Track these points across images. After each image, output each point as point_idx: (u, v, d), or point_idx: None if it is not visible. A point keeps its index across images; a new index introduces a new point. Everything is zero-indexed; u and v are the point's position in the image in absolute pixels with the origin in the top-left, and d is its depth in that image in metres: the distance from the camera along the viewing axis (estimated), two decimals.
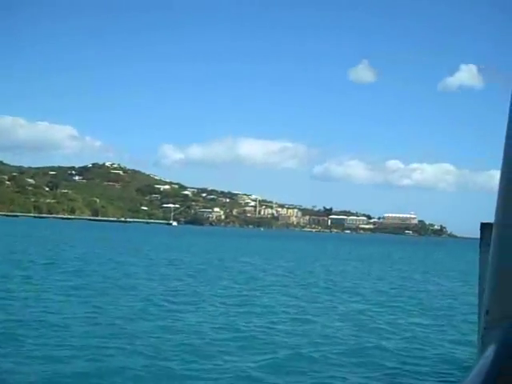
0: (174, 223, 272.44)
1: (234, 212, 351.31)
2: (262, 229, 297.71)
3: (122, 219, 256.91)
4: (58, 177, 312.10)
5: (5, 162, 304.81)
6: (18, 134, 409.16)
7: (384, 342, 18.73)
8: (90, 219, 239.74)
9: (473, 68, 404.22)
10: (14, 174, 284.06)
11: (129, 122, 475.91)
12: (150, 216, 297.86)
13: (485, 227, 4.36)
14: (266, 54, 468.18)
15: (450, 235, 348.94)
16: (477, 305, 4.80)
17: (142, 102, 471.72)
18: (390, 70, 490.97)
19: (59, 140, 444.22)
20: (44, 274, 33.61)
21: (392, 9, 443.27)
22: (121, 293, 26.97)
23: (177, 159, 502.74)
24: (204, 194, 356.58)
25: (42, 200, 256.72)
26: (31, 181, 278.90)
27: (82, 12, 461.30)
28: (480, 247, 4.63)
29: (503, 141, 2.27)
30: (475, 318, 5.17)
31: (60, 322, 19.18)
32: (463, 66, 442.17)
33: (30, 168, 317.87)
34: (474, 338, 4.95)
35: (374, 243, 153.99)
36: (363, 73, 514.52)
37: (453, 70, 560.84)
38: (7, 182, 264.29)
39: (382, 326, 22.01)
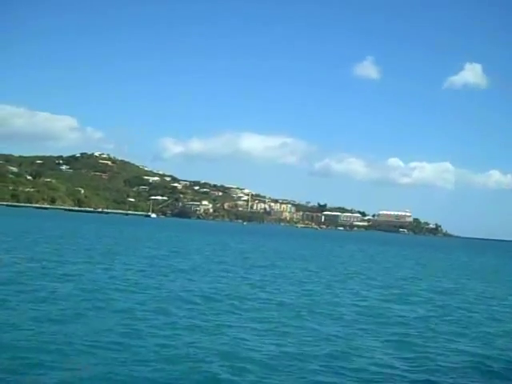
0: (153, 215, 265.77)
1: (226, 206, 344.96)
2: (244, 223, 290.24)
3: (99, 210, 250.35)
4: (44, 166, 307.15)
5: None
6: (16, 123, 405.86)
7: None
8: (67, 209, 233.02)
9: (477, 67, 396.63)
10: (0, 162, 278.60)
11: (130, 115, 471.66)
12: (136, 208, 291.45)
13: None
14: (268, 50, 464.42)
15: (446, 234, 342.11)
16: None
17: (144, 95, 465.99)
18: (394, 67, 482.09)
19: (59, 131, 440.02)
20: None
21: (398, 6, 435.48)
22: None
23: (176, 152, 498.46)
24: (196, 187, 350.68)
25: (21, 188, 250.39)
26: (14, 169, 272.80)
27: (84, 4, 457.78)
28: None
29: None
30: None
31: None
32: (468, 65, 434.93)
33: (18, 157, 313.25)
34: None
35: (354, 241, 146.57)
36: (368, 69, 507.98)
37: (458, 69, 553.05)
38: None
39: None
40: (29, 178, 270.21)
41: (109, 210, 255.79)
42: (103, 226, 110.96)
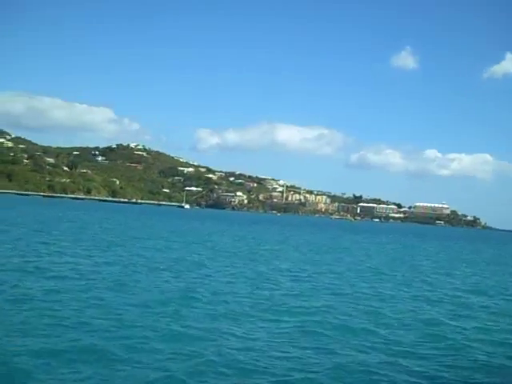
0: (187, 206, 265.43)
1: (261, 197, 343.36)
2: (278, 214, 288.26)
3: (133, 200, 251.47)
4: (80, 157, 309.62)
5: (34, 141, 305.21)
6: (55, 115, 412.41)
7: None
8: (101, 200, 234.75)
9: None
10: (38, 153, 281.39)
11: (168, 106, 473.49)
12: (171, 198, 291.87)
13: None
14: (304, 41, 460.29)
15: (484, 227, 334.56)
16: None
17: (181, 86, 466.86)
18: (433, 56, 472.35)
19: (97, 122, 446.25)
20: None
21: None
22: None
23: (213, 143, 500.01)
24: (232, 178, 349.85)
25: (57, 179, 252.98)
26: (50, 160, 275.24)
27: None
28: None
29: None
30: None
31: None
32: (509, 55, 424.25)
33: (56, 148, 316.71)
34: None
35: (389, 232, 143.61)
36: (405, 59, 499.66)
37: (499, 58, 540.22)
38: (25, 161, 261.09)
39: None
40: (65, 168, 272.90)
41: (142, 201, 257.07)
42: (141, 216, 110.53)
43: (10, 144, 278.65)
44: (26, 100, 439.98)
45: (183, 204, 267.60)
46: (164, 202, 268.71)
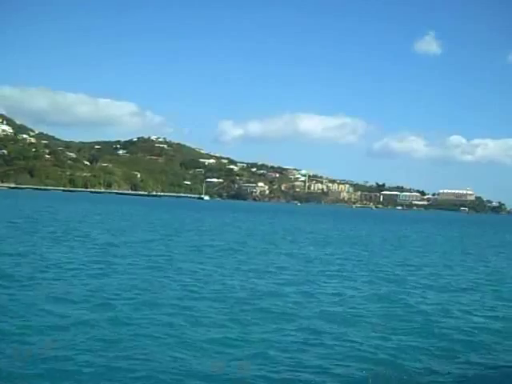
0: (206, 197, 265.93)
1: (283, 187, 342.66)
2: (298, 204, 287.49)
3: (153, 193, 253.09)
4: (102, 151, 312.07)
5: (56, 137, 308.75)
6: (79, 110, 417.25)
7: None
8: (120, 193, 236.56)
9: None
10: (60, 148, 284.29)
11: (190, 98, 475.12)
12: (192, 190, 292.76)
13: None
14: (328, 28, 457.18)
15: (510, 212, 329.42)
16: None
17: (203, 77, 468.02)
18: (457, 41, 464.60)
19: (119, 116, 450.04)
20: None
21: None
22: None
23: (235, 135, 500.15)
24: (254, 169, 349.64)
25: (78, 174, 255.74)
26: (72, 154, 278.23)
27: None
28: None
29: None
30: None
31: None
32: None
33: (78, 143, 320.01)
34: None
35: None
36: (429, 45, 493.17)
37: None
38: (47, 156, 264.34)
39: None
40: (86, 163, 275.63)
41: (161, 193, 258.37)
42: (158, 208, 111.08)
43: (32, 140, 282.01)
44: (50, 96, 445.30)
45: (203, 195, 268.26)
46: (183, 194, 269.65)
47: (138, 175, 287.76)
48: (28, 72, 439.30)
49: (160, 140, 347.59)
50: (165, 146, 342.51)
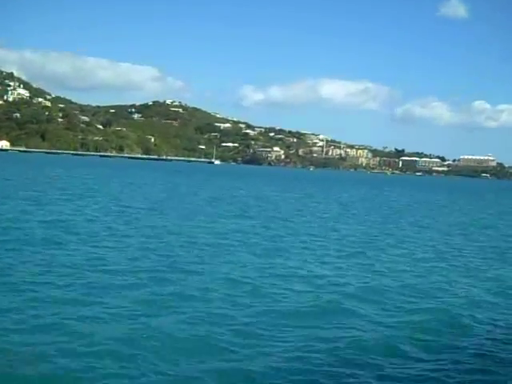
0: (217, 162, 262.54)
1: (300, 152, 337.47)
2: (311, 169, 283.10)
3: (164, 157, 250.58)
4: (116, 115, 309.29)
5: (73, 100, 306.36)
6: (99, 75, 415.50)
7: None
8: (130, 157, 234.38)
9: None
10: (75, 112, 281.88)
11: (212, 63, 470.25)
12: (207, 155, 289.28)
13: None
14: None
15: None
16: None
17: (224, 42, 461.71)
18: (484, 4, 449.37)
19: (140, 81, 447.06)
20: None
21: None
22: None
23: (256, 100, 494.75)
24: (271, 134, 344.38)
25: (90, 137, 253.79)
26: (85, 118, 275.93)
27: None
28: None
29: None
30: None
31: None
32: None
33: (94, 107, 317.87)
34: None
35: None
36: (455, 8, 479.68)
37: None
38: (60, 120, 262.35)
39: None
40: (99, 126, 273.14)
41: (172, 158, 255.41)
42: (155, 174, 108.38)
43: (47, 103, 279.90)
44: (71, 60, 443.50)
45: (213, 160, 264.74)
46: (193, 159, 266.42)
47: (152, 139, 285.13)
48: (50, 36, 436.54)
49: (175, 104, 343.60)
50: (180, 109, 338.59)
